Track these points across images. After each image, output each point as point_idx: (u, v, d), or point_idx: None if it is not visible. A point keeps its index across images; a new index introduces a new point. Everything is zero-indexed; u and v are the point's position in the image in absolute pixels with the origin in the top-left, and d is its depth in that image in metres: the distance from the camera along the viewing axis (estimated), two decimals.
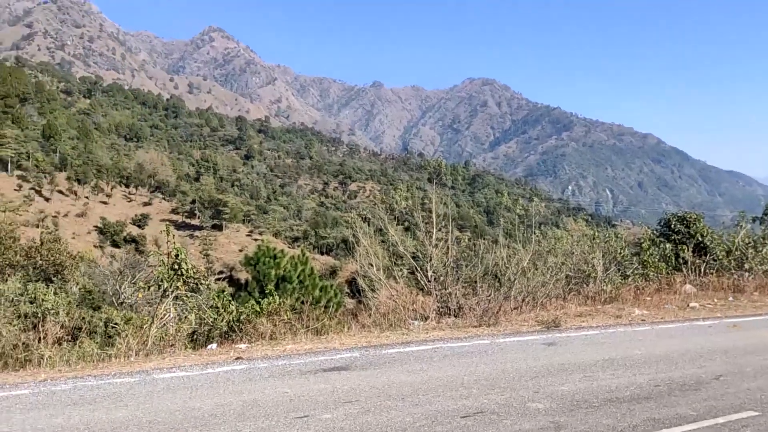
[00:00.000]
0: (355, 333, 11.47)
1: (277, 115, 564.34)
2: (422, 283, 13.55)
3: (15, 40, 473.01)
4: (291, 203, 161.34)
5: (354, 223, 16.23)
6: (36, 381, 8.30)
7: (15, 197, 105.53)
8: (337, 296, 14.80)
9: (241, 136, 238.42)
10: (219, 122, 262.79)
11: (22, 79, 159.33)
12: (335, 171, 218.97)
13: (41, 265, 31.82)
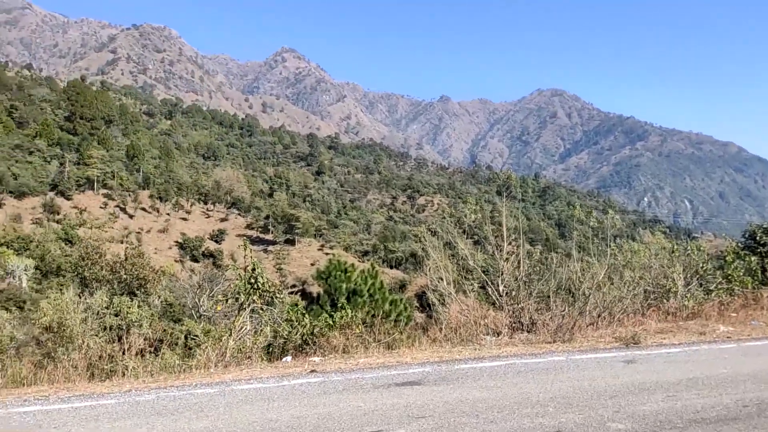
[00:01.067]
0: (426, 347, 11.42)
1: (347, 131, 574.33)
2: (493, 297, 13.34)
3: (100, 66, 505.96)
4: (360, 218, 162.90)
5: (423, 236, 16.19)
6: (121, 391, 8.61)
7: (101, 215, 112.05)
8: (407, 310, 14.79)
9: (312, 153, 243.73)
10: (291, 140, 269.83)
11: (108, 102, 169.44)
12: (403, 185, 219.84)
13: (125, 279, 33.54)
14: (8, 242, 76.95)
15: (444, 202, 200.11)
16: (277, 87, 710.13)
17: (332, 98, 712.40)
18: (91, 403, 7.89)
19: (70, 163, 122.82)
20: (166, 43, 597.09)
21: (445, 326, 12.29)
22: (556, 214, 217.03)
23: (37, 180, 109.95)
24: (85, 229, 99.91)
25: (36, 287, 65.34)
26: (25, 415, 7.34)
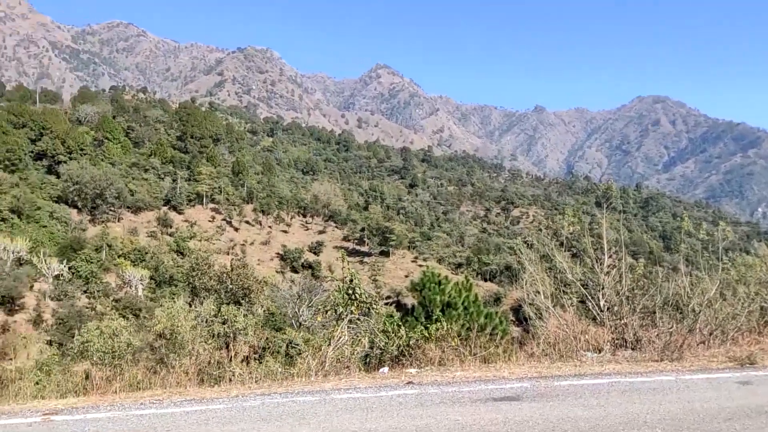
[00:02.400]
0: (523, 362, 11.18)
1: (440, 144, 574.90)
2: (594, 312, 12.84)
3: (209, 87, 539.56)
4: (454, 230, 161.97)
5: (518, 249, 15.77)
6: (229, 396, 9.05)
7: (209, 228, 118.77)
8: (503, 324, 14.52)
9: (406, 166, 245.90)
10: (385, 153, 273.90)
11: (215, 122, 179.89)
12: (497, 197, 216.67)
13: (231, 289, 35.24)
14: (126, 254, 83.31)
15: (539, 213, 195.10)
16: (371, 102, 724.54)
17: (425, 112, 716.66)
18: (202, 407, 8.31)
19: (181, 179, 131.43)
20: (268, 65, 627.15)
21: (542, 341, 11.97)
22: (660, 225, 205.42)
23: (152, 196, 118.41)
24: (195, 242, 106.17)
25: (150, 296, 70.11)
26: (141, 418, 7.85)
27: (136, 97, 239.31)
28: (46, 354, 44.61)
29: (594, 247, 13.58)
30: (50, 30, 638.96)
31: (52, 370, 19.86)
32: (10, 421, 7.99)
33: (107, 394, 10.60)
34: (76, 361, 20.18)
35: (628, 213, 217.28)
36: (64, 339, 47.51)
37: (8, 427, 7.70)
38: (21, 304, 58.38)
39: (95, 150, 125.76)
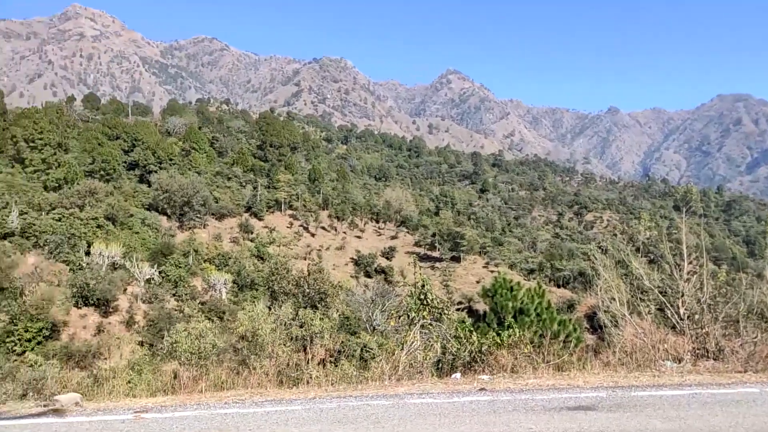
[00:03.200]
0: (598, 371, 10.95)
1: (510, 148, 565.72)
2: (672, 320, 12.37)
3: (286, 98, 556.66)
4: (525, 235, 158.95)
5: (592, 254, 15.40)
6: (307, 398, 9.34)
7: (287, 233, 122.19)
8: (576, 331, 14.20)
9: (477, 171, 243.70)
10: (456, 159, 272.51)
11: (293, 131, 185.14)
12: (570, 201, 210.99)
13: (308, 293, 36.20)
14: (211, 259, 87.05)
15: (614, 218, 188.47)
16: (442, 108, 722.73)
17: (495, 116, 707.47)
18: (281, 408, 8.63)
19: (261, 187, 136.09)
20: (342, 74, 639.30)
21: (618, 350, 11.66)
22: (743, 230, 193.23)
23: (235, 203, 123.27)
24: (274, 247, 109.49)
25: (233, 299, 72.85)
26: (225, 417, 8.24)
27: (219, 108, 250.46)
28: (138, 354, 47.37)
29: (672, 252, 13.09)
30: (141, 46, 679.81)
31: (143, 370, 21.13)
32: (105, 417, 8.49)
33: (194, 393, 11.13)
34: (165, 361, 21.38)
35: (709, 217, 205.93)
36: (154, 340, 50.26)
37: (103, 424, 8.11)
38: (115, 306, 62.17)
39: (183, 160, 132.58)
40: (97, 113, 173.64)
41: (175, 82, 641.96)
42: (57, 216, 75.36)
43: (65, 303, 56.00)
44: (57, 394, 10.88)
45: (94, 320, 58.84)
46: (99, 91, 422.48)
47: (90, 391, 13.07)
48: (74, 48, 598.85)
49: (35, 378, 13.35)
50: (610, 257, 14.08)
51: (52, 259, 66.76)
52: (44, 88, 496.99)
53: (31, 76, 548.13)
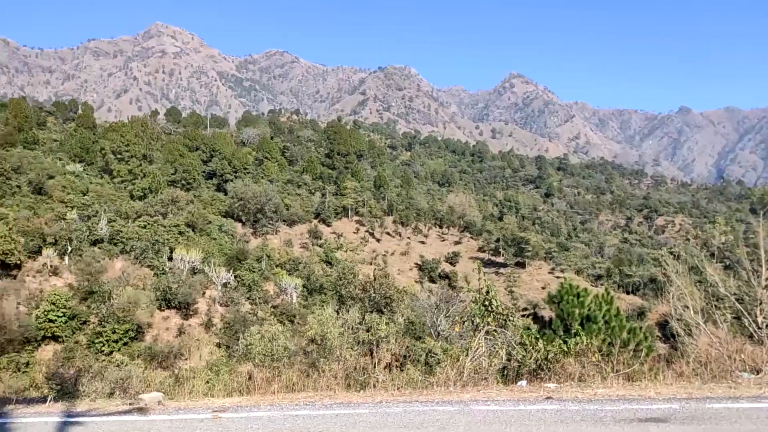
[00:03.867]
0: (671, 382, 10.61)
1: (576, 151, 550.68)
2: (750, 329, 11.80)
3: (353, 106, 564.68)
4: (592, 240, 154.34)
5: (663, 260, 14.88)
6: (374, 402, 9.47)
7: (354, 239, 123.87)
8: (647, 340, 13.74)
9: (541, 175, 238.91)
10: (519, 163, 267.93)
11: (359, 139, 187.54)
12: (639, 205, 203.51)
13: (374, 298, 36.62)
14: (282, 264, 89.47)
15: (687, 222, 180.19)
16: (505, 113, 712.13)
17: (560, 119, 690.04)
18: (349, 411, 8.79)
19: (329, 194, 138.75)
20: (406, 81, 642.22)
21: (692, 359, 11.25)
22: None
23: (304, 209, 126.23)
24: (342, 252, 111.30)
25: (303, 303, 74.52)
26: (296, 418, 8.48)
27: (290, 119, 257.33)
28: (215, 355, 49.37)
29: (750, 258, 12.50)
30: (218, 61, 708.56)
31: (220, 370, 22.11)
32: (185, 416, 8.87)
33: (267, 394, 11.53)
34: (240, 363, 22.28)
35: None
36: (230, 342, 52.19)
37: (183, 422, 8.48)
38: (195, 309, 65.03)
39: (256, 168, 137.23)
40: (178, 126, 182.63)
41: (249, 94, 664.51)
42: (142, 223, 79.71)
43: (149, 306, 59.04)
44: (141, 393, 11.44)
45: (175, 322, 61.78)
46: (180, 104, 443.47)
47: (171, 390, 13.71)
48: (157, 65, 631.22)
49: (121, 377, 14.21)
50: (683, 263, 13.57)
51: (137, 264, 70.68)
52: (130, 103, 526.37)
53: (118, 92, 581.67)
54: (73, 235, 68.04)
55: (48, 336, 53.28)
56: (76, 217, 73.53)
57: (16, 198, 75.97)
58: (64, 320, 54.26)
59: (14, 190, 77.61)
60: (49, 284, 61.39)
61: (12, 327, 49.26)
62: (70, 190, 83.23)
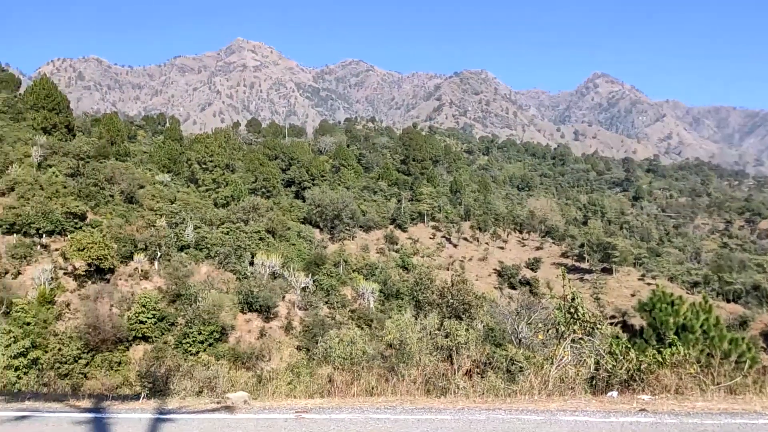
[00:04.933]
0: None
1: (667, 152, 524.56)
2: None
3: (428, 112, 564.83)
4: (687, 245, 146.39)
5: None
6: (455, 408, 9.27)
7: (430, 244, 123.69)
8: (751, 351, 12.75)
9: (629, 178, 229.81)
10: (605, 165, 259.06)
11: (435, 145, 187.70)
12: (740, 207, 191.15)
13: (452, 303, 36.28)
14: (359, 269, 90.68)
15: None
16: (588, 114, 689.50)
17: (649, 119, 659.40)
18: (431, 416, 8.64)
19: (405, 199, 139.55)
20: (482, 85, 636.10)
21: None
22: None
23: (380, 215, 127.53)
24: (418, 258, 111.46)
25: (380, 308, 75.14)
26: (378, 422, 8.40)
27: (366, 126, 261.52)
28: (295, 357, 50.52)
29: None
30: (296, 73, 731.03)
31: (301, 372, 22.54)
32: (269, 416, 9.02)
33: (347, 396, 11.59)
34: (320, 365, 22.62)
35: None
36: (309, 344, 53.35)
37: (268, 422, 8.62)
38: (275, 312, 67.06)
39: (333, 176, 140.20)
40: (258, 136, 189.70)
41: (326, 104, 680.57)
42: (225, 230, 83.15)
43: (233, 309, 61.45)
44: (228, 392, 11.80)
45: (257, 325, 63.91)
46: (260, 116, 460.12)
47: (254, 390, 14.04)
48: (238, 78, 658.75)
49: (209, 377, 14.73)
50: None
51: (221, 268, 73.76)
52: (213, 116, 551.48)
53: (203, 105, 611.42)
54: (162, 241, 71.73)
55: (138, 336, 56.39)
56: (165, 224, 77.52)
57: (110, 206, 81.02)
58: (153, 321, 57.27)
59: (108, 199, 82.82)
60: (140, 287, 64.94)
61: (106, 327, 52.46)
62: (159, 199, 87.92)
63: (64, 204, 71.27)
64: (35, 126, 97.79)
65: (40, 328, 52.23)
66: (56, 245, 67.47)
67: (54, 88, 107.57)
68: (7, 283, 58.27)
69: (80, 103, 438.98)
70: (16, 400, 10.33)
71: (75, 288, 61.64)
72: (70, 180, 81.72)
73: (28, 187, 73.15)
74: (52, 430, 7.94)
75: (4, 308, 53.67)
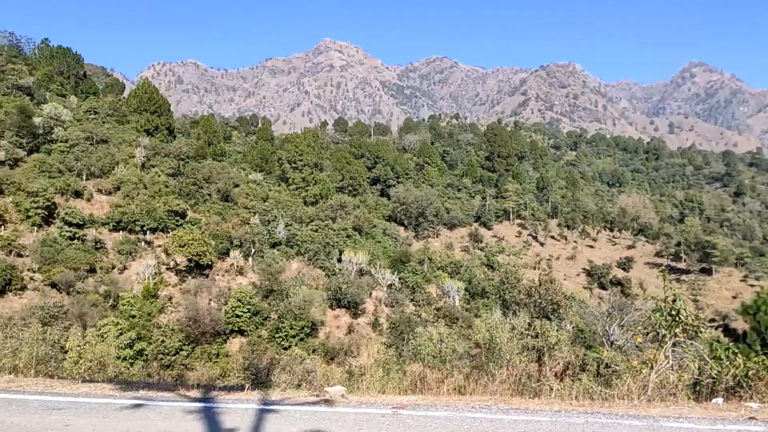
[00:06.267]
0: None
1: None
2: None
3: (513, 108, 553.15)
4: None
5: None
6: (551, 410, 9.11)
7: (516, 243, 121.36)
8: None
9: (729, 172, 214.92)
10: (703, 159, 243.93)
11: (520, 140, 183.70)
12: None
13: (540, 303, 35.60)
14: (443, 267, 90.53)
15: None
16: (684, 105, 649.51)
17: (751, 109, 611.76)
18: (527, 417, 8.55)
19: (489, 197, 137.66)
20: (570, 79, 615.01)
21: None
22: None
23: (464, 213, 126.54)
24: (503, 256, 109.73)
25: (465, 306, 74.70)
26: (474, 421, 8.40)
27: (450, 123, 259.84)
28: (383, 354, 51.30)
29: None
30: (380, 71, 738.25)
31: (391, 369, 22.96)
32: (367, 410, 9.13)
33: (439, 394, 11.66)
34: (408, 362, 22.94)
35: None
36: (396, 341, 53.95)
37: (366, 416, 8.76)
38: (362, 308, 68.35)
39: (417, 173, 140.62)
40: (345, 135, 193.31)
41: (410, 101, 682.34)
42: (314, 227, 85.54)
43: (322, 304, 63.18)
44: (325, 386, 12.21)
45: (345, 321, 65.42)
46: (346, 115, 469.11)
47: (347, 385, 14.43)
48: (326, 78, 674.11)
49: (307, 371, 15.38)
50: None
51: (311, 265, 76.00)
52: (302, 116, 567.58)
53: (292, 106, 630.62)
54: (255, 238, 74.81)
55: (235, 330, 59.08)
56: (258, 221, 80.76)
57: (207, 205, 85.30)
58: (248, 316, 59.86)
59: (205, 198, 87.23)
60: (236, 283, 68.03)
61: (205, 321, 55.34)
62: (252, 197, 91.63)
63: (166, 202, 75.79)
64: (139, 128, 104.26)
65: (144, 320, 55.83)
66: (159, 242, 71.91)
67: (155, 91, 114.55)
68: (115, 277, 62.71)
69: (179, 106, 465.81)
70: (131, 389, 10.86)
71: (176, 282, 65.44)
72: (171, 179, 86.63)
73: (132, 187, 78.34)
74: (166, 417, 8.42)
75: (112, 301, 57.83)
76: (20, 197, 66.98)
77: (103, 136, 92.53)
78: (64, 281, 57.15)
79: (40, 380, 11.87)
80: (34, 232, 65.02)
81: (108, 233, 70.66)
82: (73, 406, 9.06)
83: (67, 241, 64.00)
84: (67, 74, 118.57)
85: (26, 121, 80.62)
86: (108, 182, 79.71)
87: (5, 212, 65.33)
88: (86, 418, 8.30)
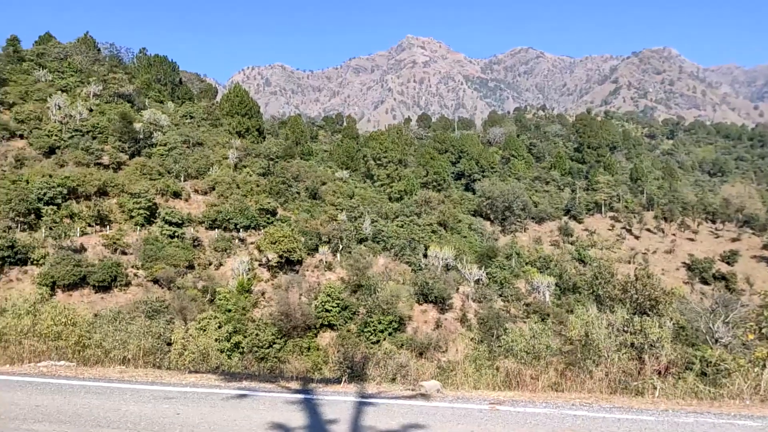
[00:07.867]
0: None
1: None
2: None
3: (603, 97, 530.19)
4: None
5: None
6: (657, 409, 8.83)
7: (609, 236, 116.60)
8: None
9: None
10: None
11: (611, 130, 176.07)
12: None
13: (636, 299, 34.16)
14: (532, 261, 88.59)
15: None
16: None
17: None
18: (631, 416, 8.32)
19: (579, 189, 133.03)
20: (665, 64, 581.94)
21: None
22: None
23: (553, 206, 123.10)
24: (596, 250, 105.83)
25: (555, 302, 72.77)
26: (575, 419, 8.27)
27: (536, 115, 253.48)
28: (471, 349, 50.95)
29: None
30: (463, 65, 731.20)
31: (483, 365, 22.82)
32: (464, 405, 9.19)
33: (535, 391, 11.49)
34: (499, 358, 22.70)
35: None
36: (484, 337, 53.49)
37: (464, 411, 8.81)
38: (450, 304, 68.18)
39: (503, 167, 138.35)
40: (428, 131, 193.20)
41: (495, 94, 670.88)
42: (400, 223, 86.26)
43: (409, 299, 63.63)
44: (419, 380, 12.28)
45: (433, 316, 65.56)
46: (429, 110, 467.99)
47: (439, 380, 14.46)
48: (409, 75, 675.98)
49: (401, 365, 15.55)
50: None
51: (397, 260, 76.72)
52: (386, 113, 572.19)
53: (376, 103, 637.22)
54: (343, 234, 76.40)
55: (325, 324, 60.61)
56: (345, 218, 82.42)
57: (296, 202, 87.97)
58: (338, 310, 61.24)
59: (294, 196, 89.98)
60: (325, 278, 69.78)
61: (296, 315, 57.17)
62: (339, 195, 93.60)
63: (258, 201, 79.00)
64: (231, 130, 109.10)
65: (239, 314, 58.46)
66: (251, 239, 75.04)
67: (246, 94, 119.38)
68: (211, 273, 66.05)
69: (268, 108, 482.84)
70: (234, 380, 11.41)
71: (269, 278, 68.06)
72: (261, 179, 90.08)
73: (226, 186, 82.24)
74: (269, 408, 8.80)
75: (210, 296, 60.97)
76: (124, 198, 71.94)
77: (199, 139, 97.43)
78: (166, 277, 60.72)
79: (149, 371, 12.66)
80: (137, 231, 69.39)
81: (204, 231, 74.48)
82: (182, 395, 9.61)
83: (167, 239, 68.00)
84: (164, 81, 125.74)
85: (128, 127, 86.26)
86: (204, 183, 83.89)
87: (110, 213, 70.36)
88: (195, 408, 8.77)
